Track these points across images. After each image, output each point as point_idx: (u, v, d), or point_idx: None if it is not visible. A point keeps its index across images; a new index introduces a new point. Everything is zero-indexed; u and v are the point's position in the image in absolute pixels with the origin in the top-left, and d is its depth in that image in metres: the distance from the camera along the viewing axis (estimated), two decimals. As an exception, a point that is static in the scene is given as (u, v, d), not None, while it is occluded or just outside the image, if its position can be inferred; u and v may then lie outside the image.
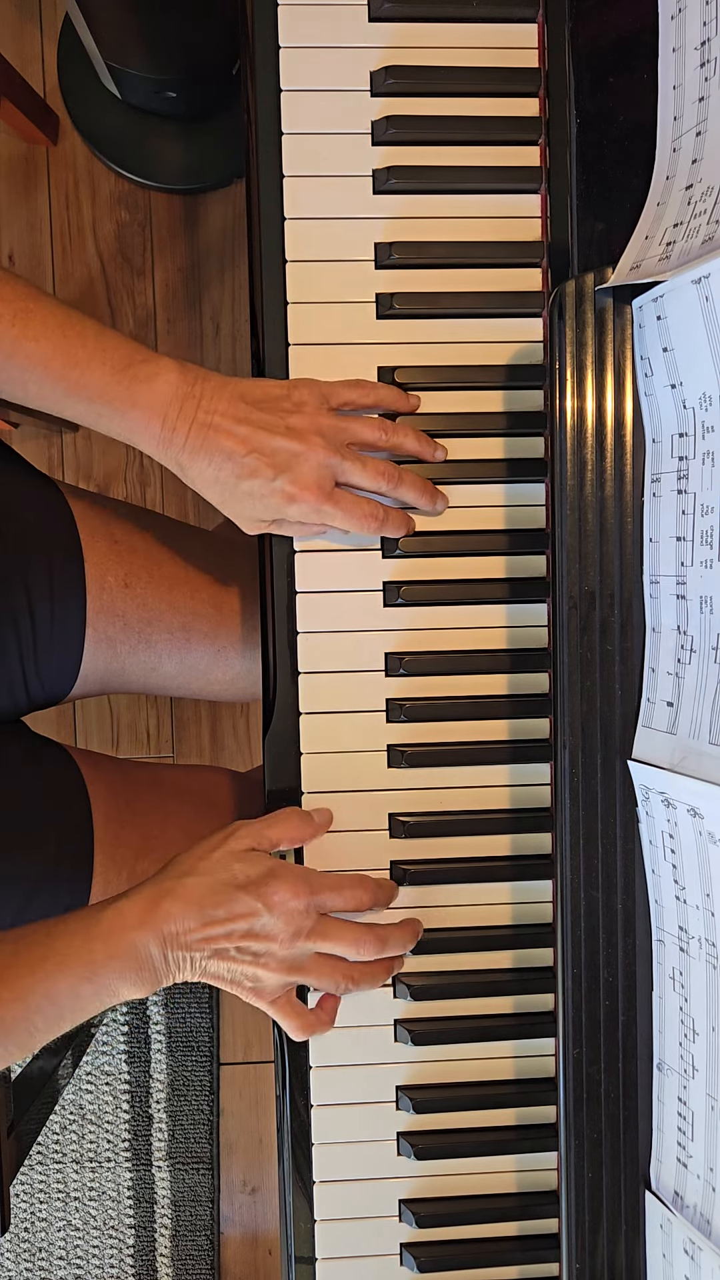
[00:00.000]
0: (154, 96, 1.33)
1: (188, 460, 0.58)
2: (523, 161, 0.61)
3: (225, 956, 0.56)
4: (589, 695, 0.54)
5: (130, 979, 0.55)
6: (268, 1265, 1.52)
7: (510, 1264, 0.62)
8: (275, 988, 0.58)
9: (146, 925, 0.55)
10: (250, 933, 0.56)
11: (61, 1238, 1.49)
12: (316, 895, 0.57)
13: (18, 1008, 0.54)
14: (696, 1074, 0.52)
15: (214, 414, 0.57)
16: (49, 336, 0.57)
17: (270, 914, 0.56)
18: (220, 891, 0.56)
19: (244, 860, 0.57)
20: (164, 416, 0.57)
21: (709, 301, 0.47)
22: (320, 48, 0.60)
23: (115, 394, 0.57)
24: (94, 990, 0.55)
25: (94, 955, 0.54)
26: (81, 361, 0.57)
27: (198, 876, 0.56)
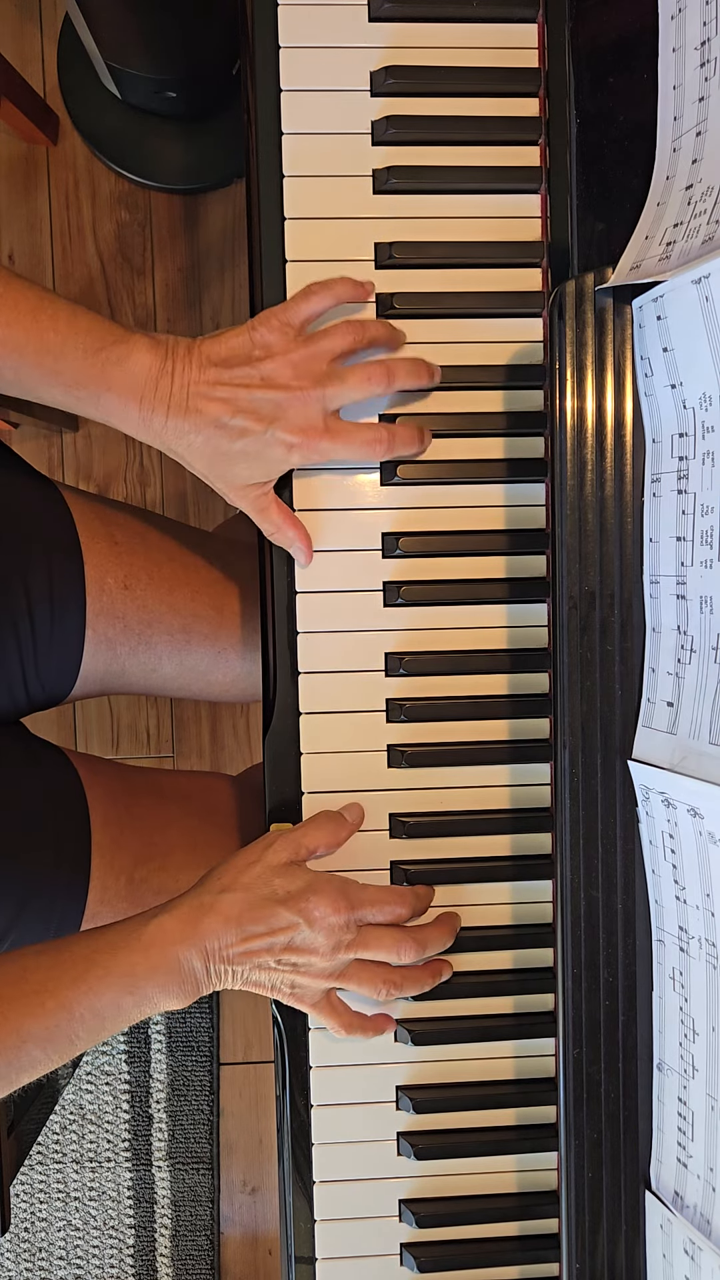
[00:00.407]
0: (154, 96, 1.33)
1: (173, 438, 0.57)
2: (523, 161, 0.61)
3: (266, 968, 0.57)
4: (589, 695, 0.54)
5: (172, 991, 0.55)
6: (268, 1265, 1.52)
7: (510, 1264, 0.62)
8: (316, 993, 0.59)
9: (188, 940, 0.55)
10: (290, 946, 0.56)
11: (61, 1238, 1.49)
12: (356, 910, 0.58)
13: (62, 1017, 0.54)
14: (696, 1074, 0.52)
15: (189, 385, 0.56)
16: (20, 322, 0.56)
17: (310, 928, 0.56)
18: (260, 907, 0.56)
19: (283, 874, 0.57)
20: (141, 397, 0.56)
21: (709, 301, 0.47)
22: (320, 48, 0.60)
23: (89, 379, 0.56)
24: (135, 1002, 0.55)
25: (136, 969, 0.55)
26: (54, 348, 0.56)
27: (237, 892, 0.57)
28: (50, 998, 0.54)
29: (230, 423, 0.56)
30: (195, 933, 0.55)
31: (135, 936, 0.56)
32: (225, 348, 0.57)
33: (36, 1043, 0.54)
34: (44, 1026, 0.54)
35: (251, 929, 0.56)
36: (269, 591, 0.61)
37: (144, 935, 0.56)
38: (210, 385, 0.56)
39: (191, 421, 0.56)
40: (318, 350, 0.57)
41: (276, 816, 0.62)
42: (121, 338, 0.57)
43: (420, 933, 0.59)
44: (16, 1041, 0.54)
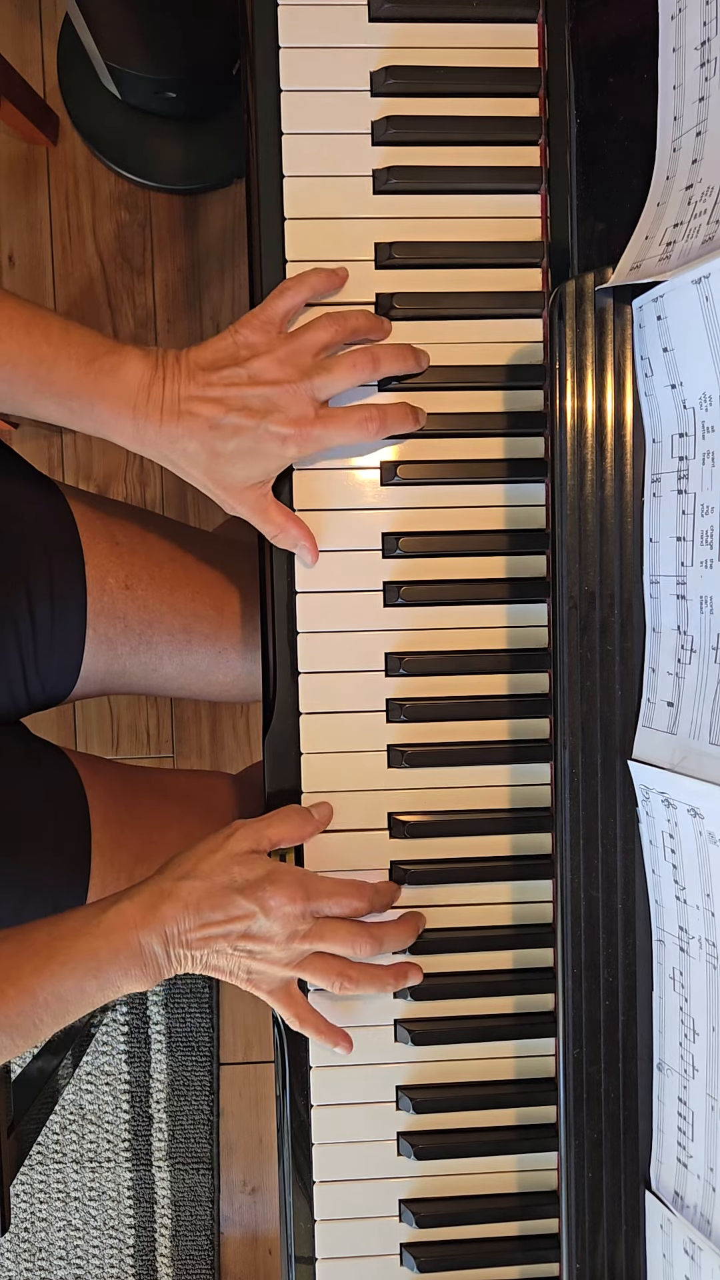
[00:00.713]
0: (154, 96, 1.33)
1: (168, 445, 0.58)
2: (523, 161, 0.61)
3: (224, 954, 0.58)
4: (589, 695, 0.54)
5: (134, 974, 0.56)
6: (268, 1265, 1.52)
7: (510, 1264, 0.62)
8: (274, 980, 0.59)
9: (148, 924, 0.56)
10: (247, 934, 0.57)
11: (61, 1238, 1.49)
12: (312, 901, 0.58)
13: (26, 1003, 0.55)
14: (696, 1074, 0.52)
15: (180, 391, 0.57)
16: (14, 336, 0.57)
17: (266, 917, 0.57)
18: (218, 894, 0.57)
19: (242, 863, 0.58)
20: (134, 406, 0.57)
21: (709, 301, 0.47)
22: (320, 48, 0.60)
23: (83, 388, 0.57)
24: (99, 985, 0.56)
25: (98, 953, 0.56)
26: (47, 358, 0.57)
27: (196, 880, 0.57)
28: (11, 985, 0.55)
29: (224, 421, 0.57)
30: (155, 917, 0.56)
31: (96, 922, 0.57)
32: (211, 352, 0.58)
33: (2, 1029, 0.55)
34: (7, 1014, 0.55)
35: (209, 915, 0.56)
36: (269, 591, 0.61)
37: (105, 920, 0.56)
38: (201, 388, 0.57)
39: (185, 426, 0.57)
40: (301, 344, 0.58)
41: (276, 816, 0.62)
42: (113, 348, 0.58)
43: (378, 929, 0.60)
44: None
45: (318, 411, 0.58)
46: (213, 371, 0.57)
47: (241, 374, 0.57)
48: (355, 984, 0.59)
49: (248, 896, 0.57)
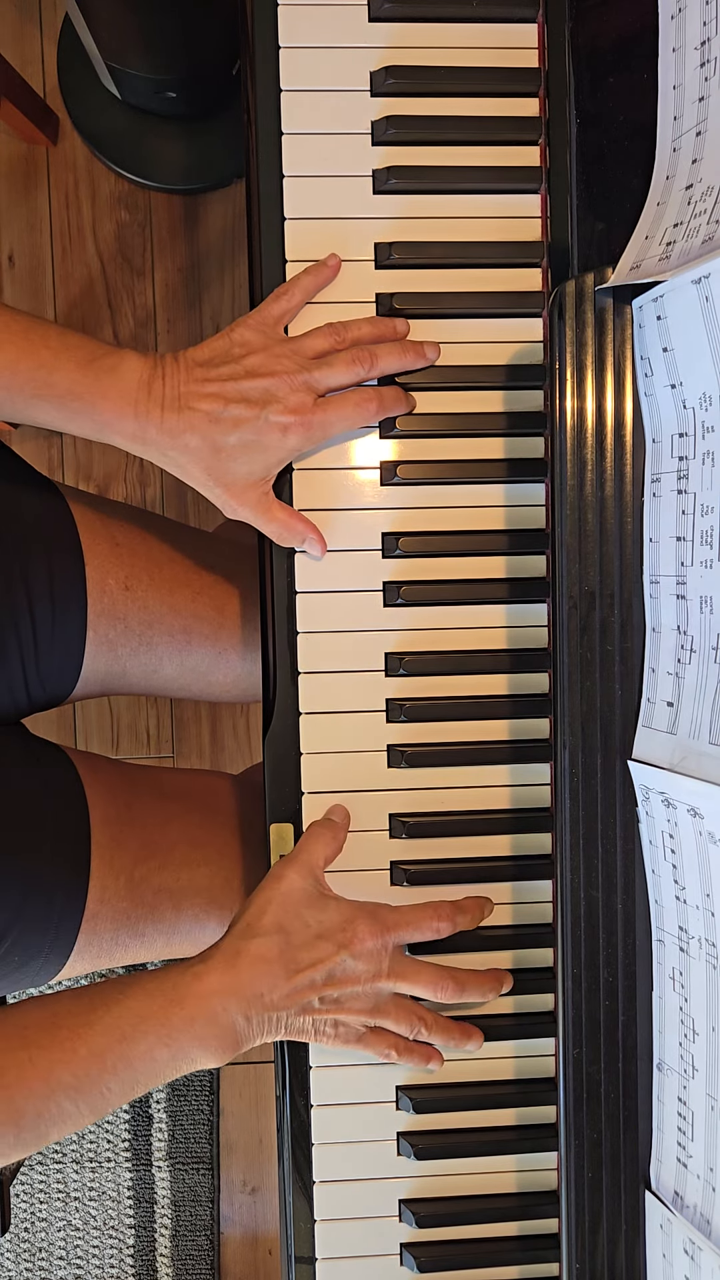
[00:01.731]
0: (154, 96, 1.33)
1: (169, 441, 0.58)
2: (523, 161, 0.61)
3: (309, 1010, 0.56)
4: (589, 695, 0.54)
5: (210, 1046, 0.54)
6: (268, 1265, 1.52)
7: (510, 1264, 0.62)
8: (358, 1030, 0.58)
9: (230, 991, 0.54)
10: (331, 979, 0.56)
11: (61, 1238, 1.49)
12: (393, 932, 0.57)
13: (94, 1066, 0.53)
14: (696, 1074, 0.52)
15: (180, 387, 0.57)
16: (13, 342, 0.57)
17: (352, 957, 0.56)
18: (299, 945, 0.56)
19: (312, 906, 0.57)
20: (135, 403, 0.57)
21: (709, 301, 0.47)
22: (320, 48, 0.60)
23: (84, 389, 0.57)
24: (170, 1055, 0.54)
25: (172, 1020, 0.54)
26: (47, 362, 0.57)
27: (272, 935, 0.56)
28: (83, 1045, 0.53)
29: (224, 414, 0.57)
30: (236, 983, 0.54)
31: (172, 987, 0.55)
32: (208, 350, 0.59)
33: (66, 1093, 0.53)
34: (74, 1075, 0.53)
35: (294, 967, 0.55)
36: (269, 591, 0.61)
37: (181, 985, 0.54)
38: (199, 383, 0.57)
39: (186, 420, 0.57)
40: (299, 346, 0.59)
41: (276, 817, 0.62)
42: (111, 351, 0.58)
43: (462, 974, 0.59)
44: (46, 1090, 0.52)
45: (316, 400, 0.58)
46: (210, 368, 0.58)
47: (238, 369, 0.58)
48: (429, 1031, 0.59)
49: (329, 940, 0.56)
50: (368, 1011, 0.58)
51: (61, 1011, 0.55)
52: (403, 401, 0.60)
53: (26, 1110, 0.52)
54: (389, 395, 0.60)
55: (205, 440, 0.58)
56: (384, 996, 0.58)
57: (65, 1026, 0.54)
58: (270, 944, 0.56)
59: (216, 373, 0.58)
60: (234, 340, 0.58)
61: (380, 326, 0.60)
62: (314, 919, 0.57)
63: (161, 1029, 0.53)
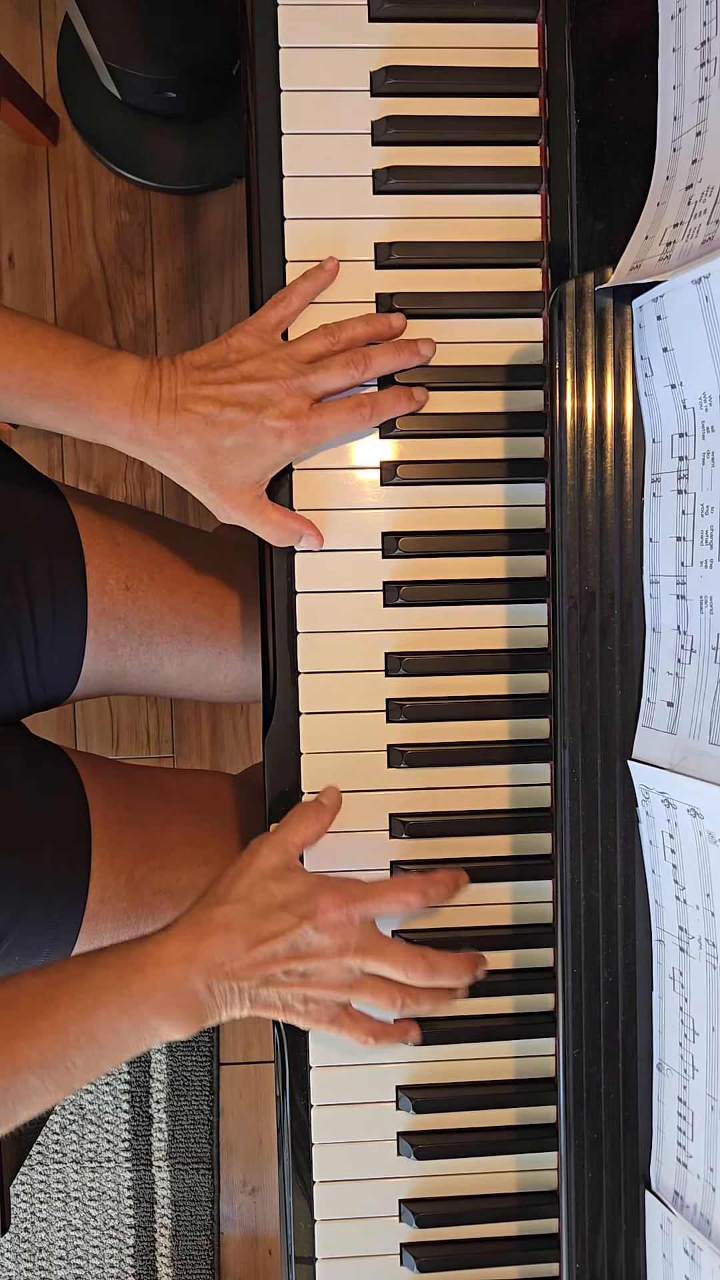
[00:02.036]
0: (154, 96, 1.33)
1: (164, 442, 0.58)
2: (523, 161, 0.61)
3: (274, 982, 0.55)
4: (589, 695, 0.54)
5: (173, 1016, 0.53)
6: (268, 1265, 1.52)
7: (510, 1264, 0.62)
8: (332, 1007, 0.57)
9: (189, 958, 0.54)
10: (295, 952, 0.55)
11: (61, 1238, 1.49)
12: (358, 904, 0.56)
13: (56, 1040, 0.52)
14: (696, 1074, 0.52)
15: (176, 389, 0.58)
16: (10, 341, 0.57)
17: (315, 929, 0.55)
18: (261, 914, 0.55)
19: (278, 879, 0.57)
20: (131, 404, 0.57)
21: (709, 301, 0.47)
22: (320, 48, 0.60)
23: (81, 389, 0.57)
24: (133, 1026, 0.53)
25: (131, 988, 0.53)
26: (45, 362, 0.57)
27: (233, 904, 0.56)
28: (43, 1019, 0.52)
29: (220, 417, 0.57)
30: (195, 949, 0.54)
31: (133, 957, 0.54)
32: (205, 354, 0.59)
33: (32, 1069, 0.52)
34: (38, 1051, 0.52)
35: (255, 936, 0.54)
36: (269, 591, 0.61)
37: (141, 955, 0.54)
38: (196, 386, 0.58)
39: (182, 422, 0.57)
40: (295, 350, 0.59)
41: (276, 817, 0.62)
42: (109, 352, 0.58)
43: (434, 954, 0.58)
44: (11, 1068, 0.52)
45: (312, 405, 0.58)
46: (207, 371, 0.58)
47: (234, 373, 0.58)
48: (416, 1002, 0.58)
49: (291, 910, 0.55)
50: (340, 988, 0.56)
51: (24, 988, 0.54)
52: (403, 401, 0.60)
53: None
54: (385, 399, 0.59)
55: (201, 442, 0.58)
56: (356, 974, 0.57)
57: (26, 1003, 0.53)
58: (233, 912, 0.55)
59: (213, 376, 0.58)
60: (231, 346, 0.59)
61: (375, 324, 0.60)
62: (279, 890, 0.56)
63: (122, 999, 0.53)
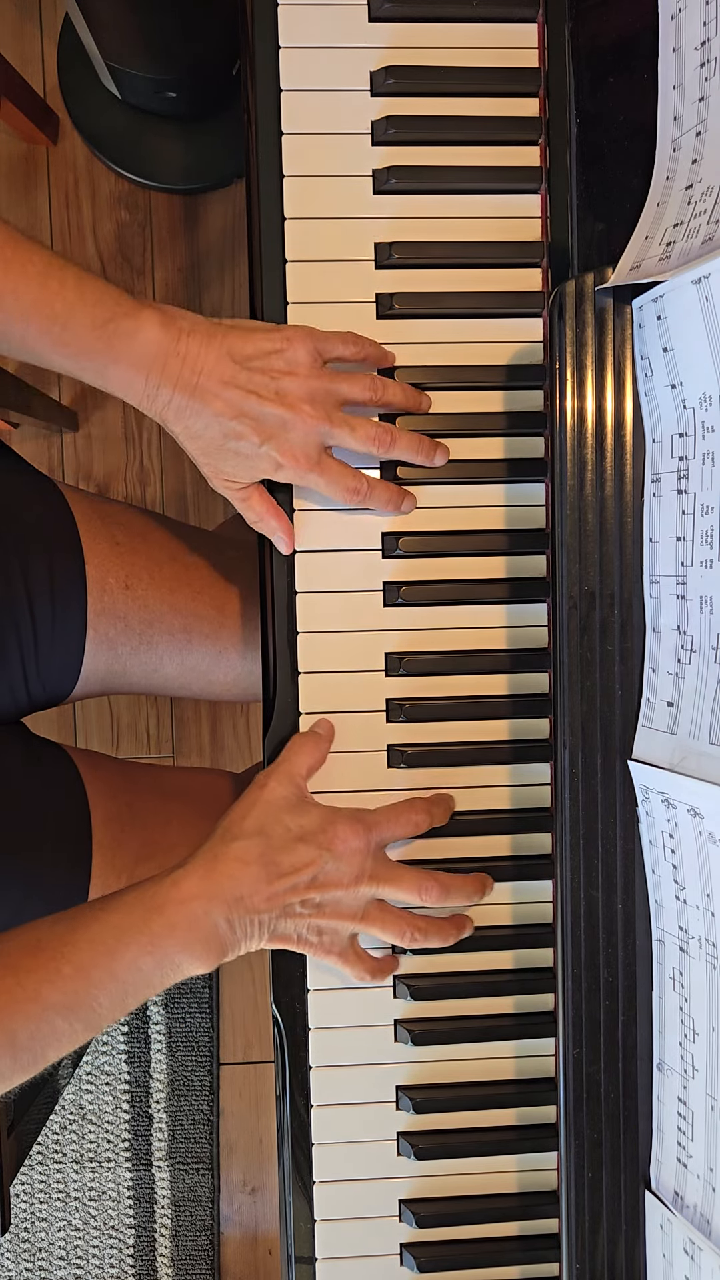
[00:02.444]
0: (154, 96, 1.33)
1: (173, 417, 0.57)
2: (523, 161, 0.61)
3: (292, 914, 0.56)
4: (589, 695, 0.54)
5: (196, 951, 0.54)
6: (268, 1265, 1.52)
7: (510, 1264, 0.62)
8: (343, 939, 0.58)
9: (210, 894, 0.54)
10: (315, 883, 0.56)
11: (61, 1238, 1.49)
12: (374, 831, 0.57)
13: (80, 982, 0.52)
14: (696, 1074, 0.52)
15: (200, 374, 0.56)
16: (27, 288, 0.54)
17: (333, 858, 0.56)
18: (280, 847, 0.55)
19: (291, 810, 0.57)
20: (147, 374, 0.56)
21: (709, 301, 0.47)
22: (320, 48, 0.60)
23: (96, 350, 0.55)
24: (155, 963, 0.53)
25: (153, 928, 0.53)
26: (61, 315, 0.55)
27: (252, 838, 0.56)
28: (66, 963, 0.53)
29: (230, 425, 0.56)
30: (216, 884, 0.54)
31: (151, 895, 0.54)
32: (251, 345, 0.57)
33: (58, 1012, 0.52)
34: (63, 993, 0.52)
35: (275, 869, 0.55)
36: (269, 591, 0.61)
37: (159, 894, 0.54)
38: (224, 383, 0.56)
39: (195, 407, 0.56)
40: (335, 389, 0.58)
41: (276, 816, 0.61)
42: (130, 310, 0.55)
43: (445, 876, 0.59)
44: (38, 1010, 0.52)
45: (320, 457, 0.58)
46: (241, 367, 0.56)
47: (268, 385, 0.56)
48: (424, 935, 0.59)
49: (309, 842, 0.55)
50: (353, 917, 0.57)
51: (44, 935, 0.54)
52: (393, 504, 0.60)
53: (20, 1032, 0.52)
54: (380, 494, 0.59)
55: (208, 429, 0.57)
56: (369, 902, 0.58)
57: (48, 948, 0.53)
58: (250, 846, 0.55)
59: (245, 377, 0.56)
60: (283, 352, 0.57)
61: (412, 398, 0.60)
62: (294, 822, 0.56)
63: (143, 938, 0.53)
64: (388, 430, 0.59)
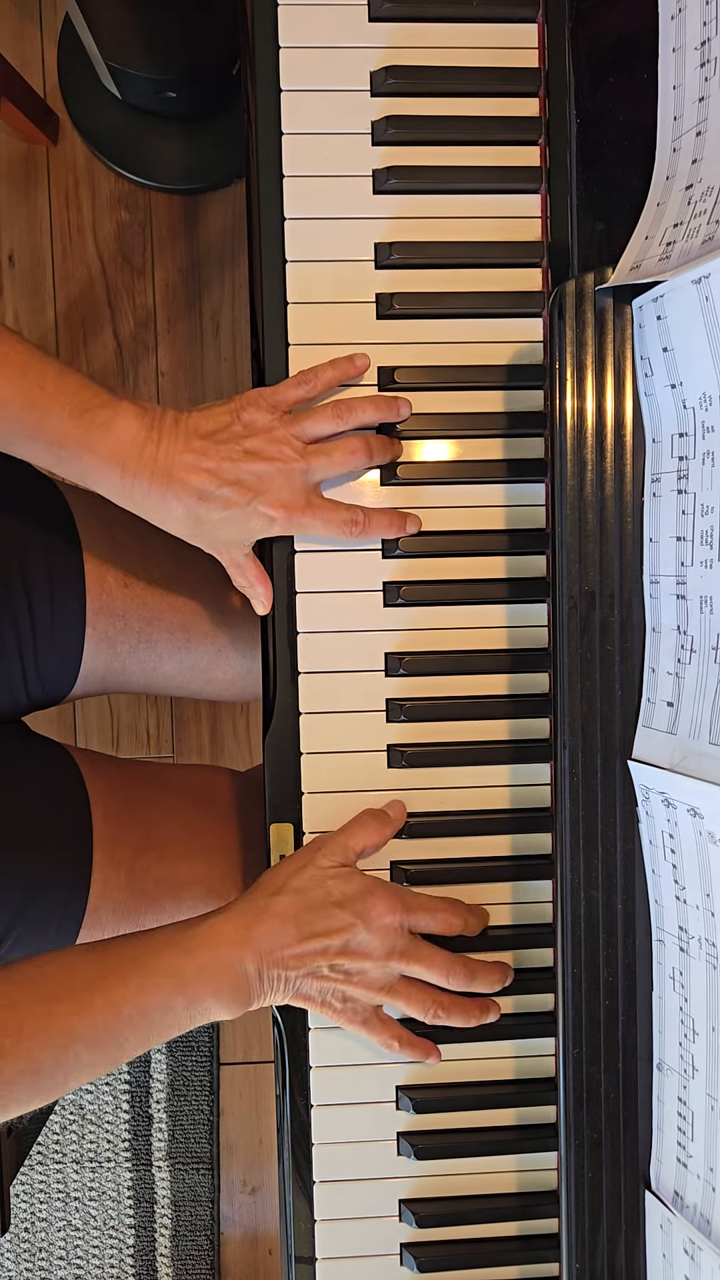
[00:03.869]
0: (154, 96, 1.33)
1: (155, 504, 0.57)
2: (523, 161, 0.61)
3: (319, 975, 0.57)
4: (589, 695, 0.54)
5: (224, 997, 0.55)
6: (268, 1265, 1.52)
7: (510, 1264, 0.62)
8: (366, 1008, 0.59)
9: (243, 942, 0.55)
10: (345, 950, 0.56)
11: (61, 1238, 1.49)
12: (411, 914, 0.58)
13: (110, 1016, 0.53)
14: (696, 1074, 0.52)
15: (173, 455, 0.56)
16: (9, 377, 0.55)
17: (367, 930, 0.56)
18: (316, 908, 0.56)
19: (337, 877, 0.58)
20: (123, 464, 0.56)
21: (709, 301, 0.47)
22: (320, 48, 0.60)
23: (72, 439, 0.56)
24: (186, 1005, 0.54)
25: (185, 969, 0.54)
26: (40, 404, 0.56)
27: (291, 895, 0.57)
28: (99, 995, 0.53)
29: (215, 493, 0.57)
30: (250, 934, 0.55)
31: (187, 937, 0.55)
32: (210, 421, 0.58)
33: (84, 1043, 0.53)
34: (91, 1025, 0.53)
35: (308, 929, 0.56)
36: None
37: (196, 936, 0.55)
38: (197, 457, 0.57)
39: (174, 492, 0.57)
40: (300, 430, 0.58)
41: (276, 817, 0.62)
42: (108, 402, 0.57)
43: (473, 962, 0.60)
44: (65, 1040, 0.53)
45: (309, 497, 0.58)
46: (209, 442, 0.57)
47: (238, 449, 0.57)
48: (447, 1014, 0.59)
49: (347, 909, 0.56)
50: (379, 990, 0.58)
51: (79, 965, 0.55)
52: (394, 527, 0.60)
53: (44, 1060, 0.53)
54: (378, 522, 0.59)
55: (190, 513, 0.57)
56: (395, 977, 0.58)
57: (82, 979, 0.54)
58: (289, 903, 0.56)
59: (214, 449, 0.57)
60: (241, 420, 0.58)
61: (384, 409, 0.60)
62: (336, 888, 0.57)
63: (176, 980, 0.54)
64: (362, 440, 0.59)
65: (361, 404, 0.59)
